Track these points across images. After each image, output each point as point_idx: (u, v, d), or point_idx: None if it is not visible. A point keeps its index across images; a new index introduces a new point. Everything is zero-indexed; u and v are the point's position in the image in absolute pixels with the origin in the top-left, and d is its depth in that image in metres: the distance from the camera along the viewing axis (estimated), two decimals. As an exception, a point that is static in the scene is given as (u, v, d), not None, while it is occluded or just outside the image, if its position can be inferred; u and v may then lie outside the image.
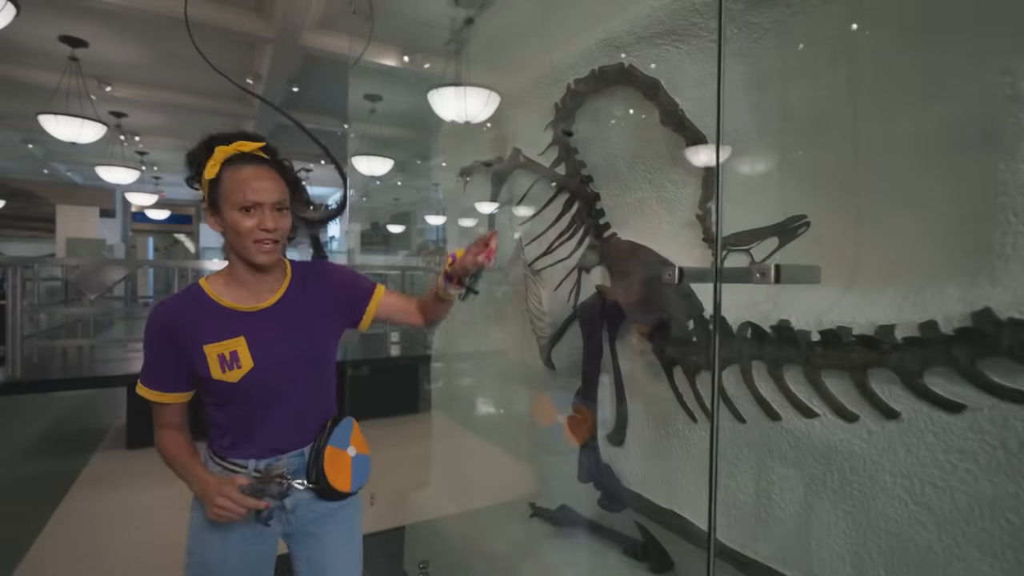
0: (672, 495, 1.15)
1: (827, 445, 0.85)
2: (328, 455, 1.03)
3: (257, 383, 0.98)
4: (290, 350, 1.02)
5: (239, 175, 0.95)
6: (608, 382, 1.38)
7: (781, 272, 0.63)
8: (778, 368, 0.89)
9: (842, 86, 0.95)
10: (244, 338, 0.98)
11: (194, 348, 0.96)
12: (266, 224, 0.95)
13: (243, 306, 1.01)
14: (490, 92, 3.23)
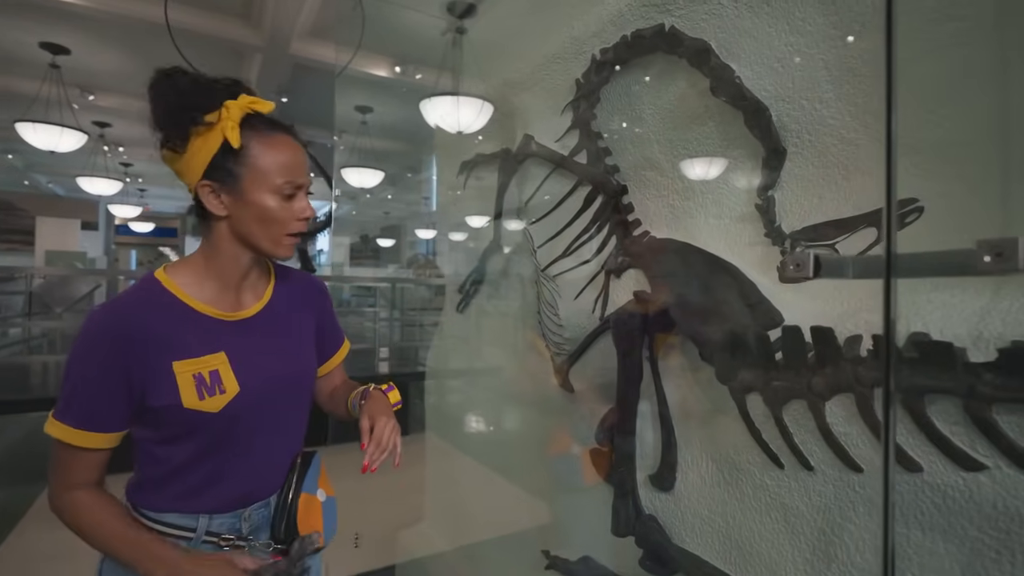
0: (747, 560, 0.88)
1: (1003, 510, 0.59)
2: (302, 505, 0.80)
3: (239, 414, 0.76)
4: (276, 371, 0.82)
5: (276, 148, 0.75)
6: (649, 411, 1.12)
7: None
8: (918, 400, 0.64)
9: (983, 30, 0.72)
10: (225, 354, 0.76)
11: (157, 366, 0.71)
12: (307, 212, 0.78)
13: (222, 312, 0.78)
14: (483, 102, 3.03)
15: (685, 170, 1.20)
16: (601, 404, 1.34)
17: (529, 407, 1.69)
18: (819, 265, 0.52)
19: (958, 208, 0.76)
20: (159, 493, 0.76)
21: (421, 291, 6.93)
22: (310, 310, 0.91)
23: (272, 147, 0.74)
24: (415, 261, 10.54)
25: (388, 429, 0.78)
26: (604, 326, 1.26)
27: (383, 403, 0.85)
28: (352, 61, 4.93)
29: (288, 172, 0.75)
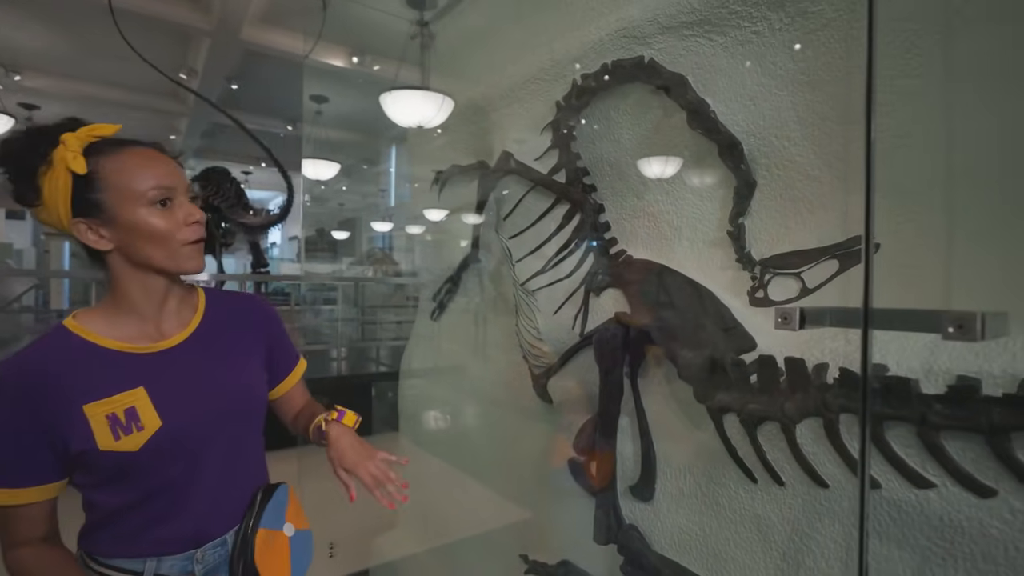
0: (723, 566, 0.96)
1: (948, 523, 0.68)
2: (260, 542, 0.76)
3: (166, 450, 0.72)
4: (211, 401, 0.78)
5: (128, 159, 0.72)
6: (629, 426, 1.18)
7: (986, 324, 0.45)
8: (878, 426, 0.72)
9: (935, 83, 0.81)
10: (144, 389, 0.72)
11: (68, 412, 0.69)
12: (194, 215, 0.74)
13: (139, 347, 0.75)
14: (444, 97, 3.03)
15: (660, 194, 1.26)
16: (579, 415, 1.40)
17: (506, 416, 1.73)
18: (804, 318, 0.59)
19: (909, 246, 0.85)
20: (103, 538, 0.75)
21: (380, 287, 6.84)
22: (255, 333, 0.88)
23: (123, 159, 0.71)
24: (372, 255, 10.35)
25: (373, 467, 0.80)
26: (584, 342, 1.31)
27: (346, 440, 0.84)
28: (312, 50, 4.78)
29: (149, 178, 0.71)
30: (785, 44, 1.00)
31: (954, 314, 0.48)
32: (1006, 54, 0.74)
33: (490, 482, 1.87)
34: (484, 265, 1.82)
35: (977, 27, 0.76)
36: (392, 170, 6.55)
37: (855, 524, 0.77)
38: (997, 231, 0.74)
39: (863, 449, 0.62)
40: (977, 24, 0.76)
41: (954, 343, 0.71)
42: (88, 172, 0.69)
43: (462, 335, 2.00)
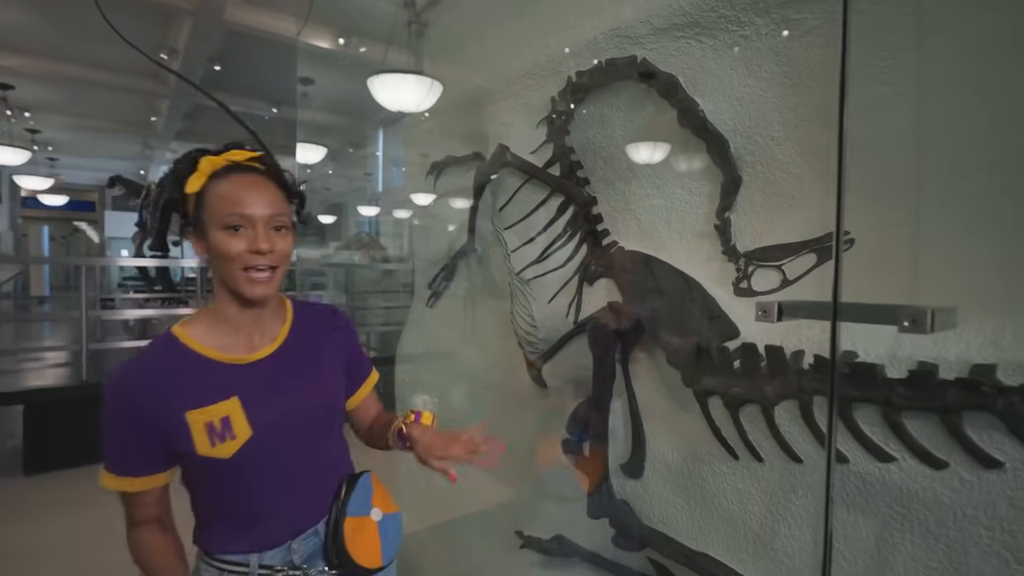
0: (706, 537, 1.04)
1: (906, 493, 0.76)
2: (348, 529, 0.82)
3: (256, 457, 0.78)
4: (297, 410, 0.83)
5: (224, 186, 0.76)
6: (621, 408, 1.26)
7: (936, 318, 0.52)
8: (848, 407, 0.80)
9: (908, 93, 0.87)
10: (238, 399, 0.78)
11: (172, 417, 0.76)
12: (258, 244, 0.75)
13: (234, 357, 0.80)
14: (433, 81, 3.04)
15: (651, 188, 1.32)
16: (572, 399, 1.47)
17: (501, 400, 1.80)
18: (781, 311, 0.65)
19: (881, 243, 0.92)
20: (209, 536, 0.82)
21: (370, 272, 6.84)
22: (335, 343, 0.93)
23: (224, 185, 0.76)
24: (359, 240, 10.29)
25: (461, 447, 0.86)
26: (578, 329, 1.38)
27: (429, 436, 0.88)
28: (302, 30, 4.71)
29: (231, 204, 0.75)
30: (770, 48, 1.05)
31: (908, 309, 0.55)
32: (970, 67, 0.80)
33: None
34: (479, 254, 1.87)
35: (945, 39, 0.82)
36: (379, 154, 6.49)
37: (824, 494, 0.85)
38: (959, 231, 0.82)
39: (830, 427, 0.70)
40: (945, 36, 0.82)
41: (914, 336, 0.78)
42: (198, 193, 0.77)
43: (457, 322, 2.05)
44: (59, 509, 3.03)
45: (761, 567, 0.95)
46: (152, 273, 10.80)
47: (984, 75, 0.78)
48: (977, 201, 0.77)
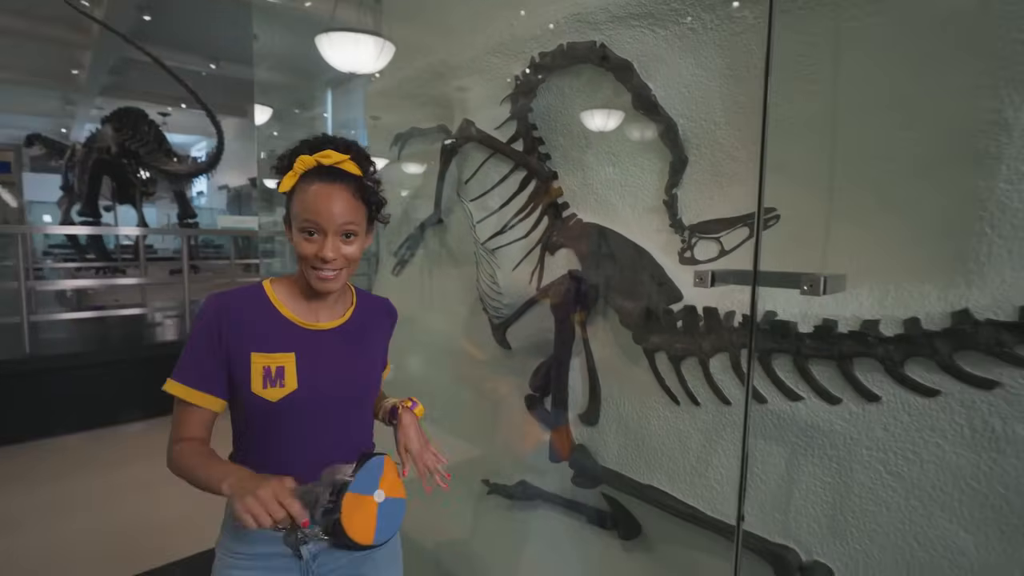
0: (652, 472, 1.21)
1: (810, 425, 0.94)
2: (347, 504, 0.88)
3: (297, 408, 0.88)
4: (340, 379, 0.94)
5: (307, 193, 0.86)
6: (579, 365, 1.40)
7: (828, 284, 0.67)
8: (767, 357, 0.97)
9: (828, 90, 1.01)
10: (295, 355, 0.89)
11: (241, 351, 0.88)
12: (324, 253, 0.85)
13: (302, 321, 0.93)
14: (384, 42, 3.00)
15: (607, 165, 1.44)
16: (534, 358, 1.60)
17: (467, 362, 1.92)
18: (714, 278, 0.79)
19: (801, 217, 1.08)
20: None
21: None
22: (383, 333, 1.06)
23: (307, 191, 0.86)
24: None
25: (429, 458, 0.97)
26: (541, 295, 1.50)
27: (414, 429, 1.00)
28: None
29: (307, 212, 0.85)
30: (715, 42, 1.17)
31: (808, 276, 0.69)
32: (876, 69, 0.94)
33: (455, 421, 2.07)
34: (445, 224, 1.95)
35: (857, 43, 0.96)
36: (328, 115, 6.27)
37: (751, 431, 1.02)
38: (861, 211, 0.98)
39: (749, 373, 0.85)
40: (857, 41, 0.96)
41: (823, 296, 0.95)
42: (290, 192, 0.88)
43: (423, 289, 2.14)
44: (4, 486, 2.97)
45: (697, 493, 1.13)
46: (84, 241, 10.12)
47: (885, 77, 0.93)
48: (876, 186, 0.93)
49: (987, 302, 0.76)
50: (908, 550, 0.85)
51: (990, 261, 0.76)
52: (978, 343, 0.75)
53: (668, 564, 1.26)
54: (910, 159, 0.88)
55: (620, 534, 1.36)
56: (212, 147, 8.22)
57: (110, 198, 9.58)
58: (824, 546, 0.95)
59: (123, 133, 8.55)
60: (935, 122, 0.84)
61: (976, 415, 0.77)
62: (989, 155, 0.76)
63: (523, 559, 1.66)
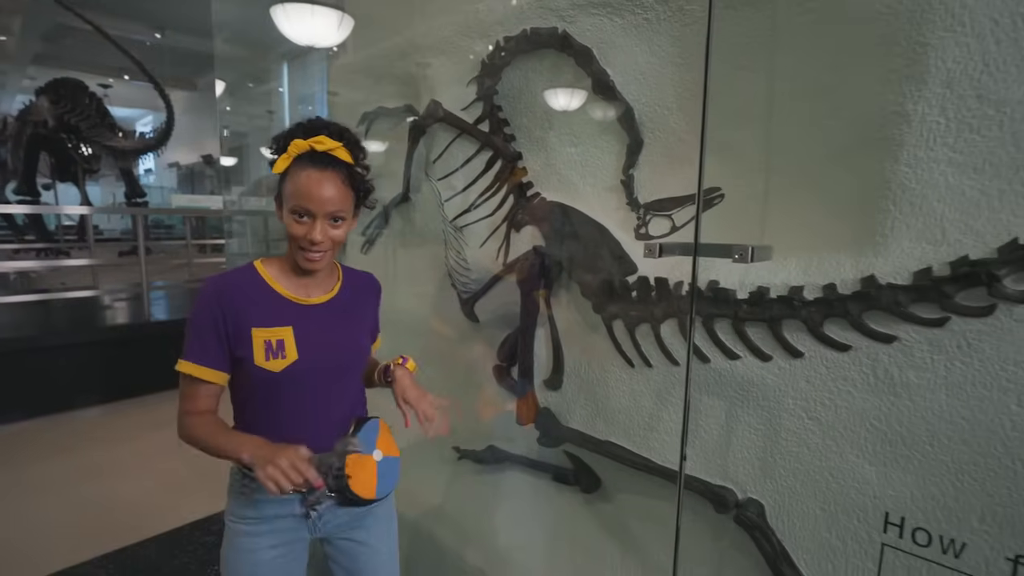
0: (610, 429, 1.33)
1: (746, 380, 1.07)
2: (351, 463, 0.97)
3: (297, 377, 0.95)
4: (334, 349, 1.02)
5: (299, 178, 0.92)
6: (543, 335, 1.50)
7: (755, 253, 0.78)
8: (710, 321, 1.08)
9: (761, 80, 1.12)
10: (292, 329, 0.97)
11: (242, 328, 0.95)
12: (313, 236, 0.93)
13: (296, 296, 1.00)
14: (343, 15, 2.97)
15: (568, 146, 1.52)
16: (500, 330, 1.69)
17: (437, 336, 1.99)
18: (662, 250, 0.89)
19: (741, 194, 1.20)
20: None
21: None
22: (370, 305, 1.13)
23: (300, 176, 0.92)
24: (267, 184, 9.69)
25: (426, 406, 1.03)
26: (507, 270, 1.59)
27: (409, 380, 1.07)
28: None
29: (298, 197, 0.92)
30: (667, 32, 1.26)
31: (738, 247, 0.80)
32: (805, 60, 1.05)
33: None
34: (413, 203, 2.00)
35: (790, 38, 1.07)
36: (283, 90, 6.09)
37: (696, 388, 1.15)
38: (792, 189, 1.10)
39: (689, 335, 0.97)
40: (790, 36, 1.07)
41: (758, 266, 1.06)
42: (284, 174, 0.94)
43: (392, 267, 2.19)
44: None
45: (649, 445, 1.26)
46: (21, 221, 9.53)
47: (812, 70, 1.04)
48: (804, 168, 1.05)
49: (889, 269, 0.88)
50: (824, 483, 0.99)
51: (892, 234, 0.89)
52: (881, 303, 0.88)
53: (625, 511, 1.40)
54: (831, 144, 0.99)
55: (582, 488, 1.48)
56: (161, 122, 7.86)
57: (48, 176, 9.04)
58: (757, 484, 1.08)
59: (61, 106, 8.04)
60: (852, 111, 0.95)
61: (879, 365, 0.91)
62: (893, 142, 0.88)
63: (493, 518, 1.77)
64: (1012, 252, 0.77)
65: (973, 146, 0.82)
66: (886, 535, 0.92)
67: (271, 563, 0.99)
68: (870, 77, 0.92)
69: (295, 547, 1.03)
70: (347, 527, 1.07)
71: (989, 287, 0.79)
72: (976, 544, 0.84)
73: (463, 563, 1.72)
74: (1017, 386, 0.79)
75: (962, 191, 0.83)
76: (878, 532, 0.93)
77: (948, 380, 0.85)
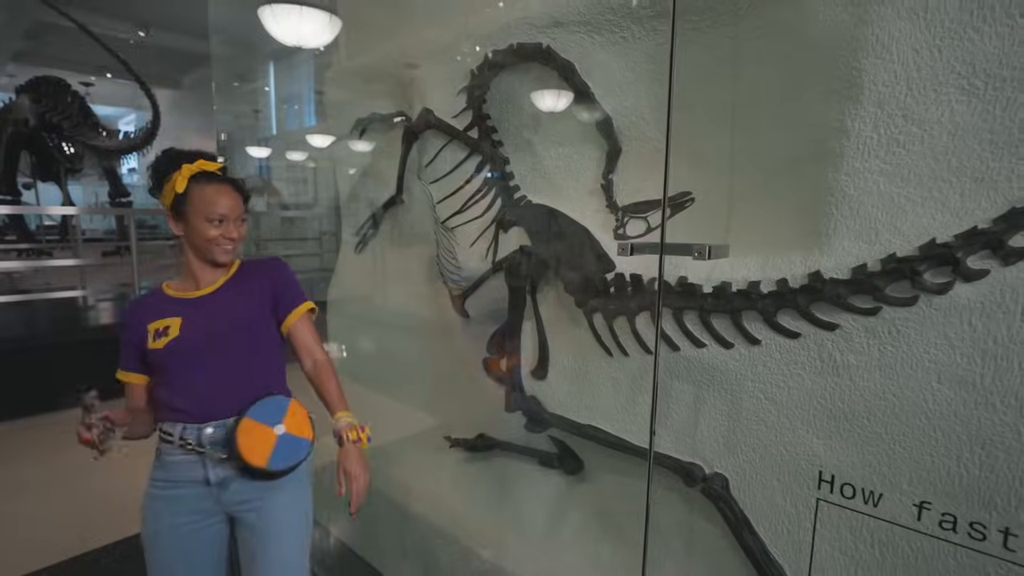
0: (591, 413, 1.45)
1: (711, 366, 1.19)
2: (243, 427, 1.11)
3: (178, 350, 1.15)
4: (213, 328, 1.18)
5: (206, 193, 1.15)
6: (530, 328, 1.61)
7: (712, 251, 0.90)
8: (680, 313, 1.20)
9: (726, 96, 1.24)
10: (180, 318, 1.17)
11: (141, 328, 1.18)
12: (231, 234, 1.18)
13: (185, 293, 1.22)
14: (331, 16, 3.03)
15: (553, 152, 1.63)
16: (490, 325, 1.80)
17: (430, 331, 2.09)
18: (632, 249, 1.01)
19: (711, 198, 1.32)
20: (158, 410, 1.19)
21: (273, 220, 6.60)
22: (262, 280, 1.26)
23: (204, 191, 1.15)
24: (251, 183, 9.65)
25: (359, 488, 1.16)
26: (496, 268, 1.69)
27: (354, 455, 1.17)
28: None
29: (211, 208, 1.14)
30: (642, 50, 1.38)
31: (697, 246, 0.92)
32: (763, 79, 1.18)
33: (417, 387, 2.25)
34: (406, 204, 2.09)
35: (750, 58, 1.19)
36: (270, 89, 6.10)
37: (667, 374, 1.27)
38: (753, 195, 1.22)
39: (657, 326, 1.08)
40: (750, 56, 1.19)
41: (723, 263, 1.19)
42: (184, 192, 1.14)
43: (385, 266, 2.28)
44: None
45: (626, 427, 1.37)
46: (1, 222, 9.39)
47: (769, 87, 1.16)
48: (763, 175, 1.17)
49: (832, 265, 1.01)
50: (779, 456, 1.11)
51: (835, 234, 1.01)
52: (825, 296, 1.00)
53: (604, 490, 1.51)
54: (785, 155, 1.12)
55: (566, 471, 1.60)
56: (147, 121, 7.81)
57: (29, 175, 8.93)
58: (721, 460, 1.21)
59: (43, 104, 7.95)
60: (801, 126, 1.08)
61: (824, 350, 1.03)
62: (835, 154, 1.01)
63: (484, 502, 1.88)
64: (931, 250, 0.90)
65: (900, 159, 0.94)
66: (820, 491, 1.05)
67: (175, 530, 1.12)
68: (816, 96, 1.05)
69: (201, 522, 1.14)
70: (253, 502, 1.15)
71: (912, 280, 0.91)
72: (890, 495, 0.97)
73: (456, 545, 1.82)
74: (937, 365, 0.92)
75: (891, 197, 0.95)
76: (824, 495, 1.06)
77: (881, 362, 0.97)
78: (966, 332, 0.89)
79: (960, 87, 0.88)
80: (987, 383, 0.88)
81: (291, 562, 1.16)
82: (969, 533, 0.90)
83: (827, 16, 1.01)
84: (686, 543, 1.31)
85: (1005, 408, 0.87)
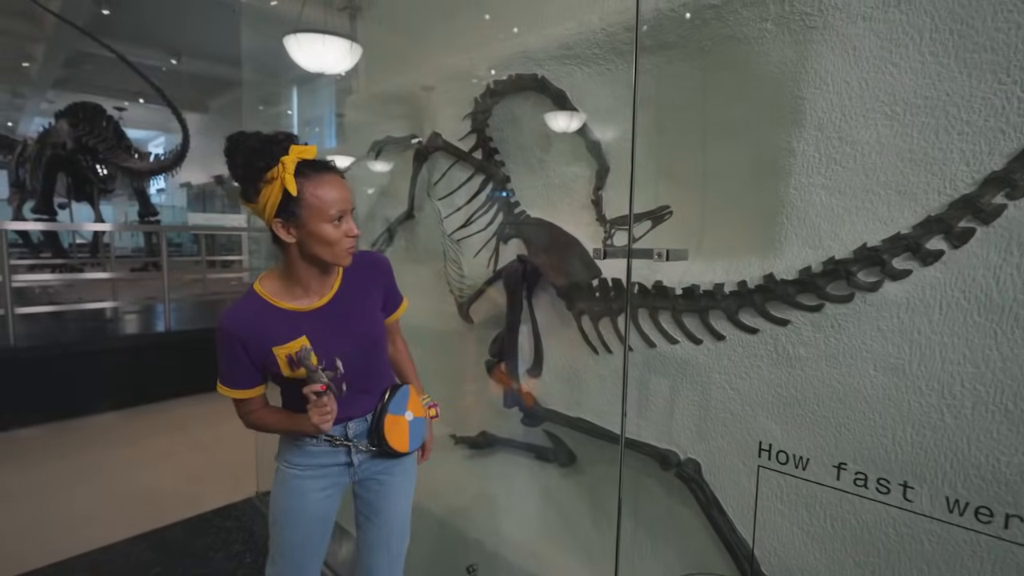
0: (580, 407, 1.58)
1: (683, 360, 1.32)
2: (387, 422, 1.21)
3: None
4: (346, 342, 1.12)
5: (324, 189, 0.99)
6: (526, 330, 1.76)
7: (670, 254, 1.04)
8: (655, 313, 1.35)
9: (698, 120, 1.40)
10: (305, 336, 1.06)
11: (264, 352, 1.05)
12: (354, 231, 1.04)
13: (300, 307, 1.08)
14: (352, 43, 3.26)
15: (548, 170, 1.80)
16: (492, 330, 1.95)
17: (438, 334, 2.25)
18: (606, 254, 1.16)
19: (687, 211, 1.46)
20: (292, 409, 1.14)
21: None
22: (374, 284, 1.21)
23: (320, 188, 0.99)
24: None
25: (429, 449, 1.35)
26: (496, 276, 1.85)
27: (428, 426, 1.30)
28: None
29: (335, 205, 1.00)
30: (624, 81, 1.54)
31: (658, 250, 1.06)
32: (728, 106, 1.33)
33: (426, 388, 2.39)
34: (416, 219, 2.27)
35: (715, 88, 1.35)
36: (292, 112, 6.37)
37: (646, 368, 1.40)
38: (721, 206, 1.36)
39: (627, 324, 1.22)
40: (715, 86, 1.35)
41: (693, 267, 1.33)
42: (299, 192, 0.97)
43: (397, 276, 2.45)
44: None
45: (613, 419, 1.50)
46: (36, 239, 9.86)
47: (732, 112, 1.32)
48: (728, 189, 1.32)
49: (783, 267, 1.15)
50: (743, 441, 1.24)
51: (785, 241, 1.15)
52: (777, 295, 1.14)
53: (594, 479, 1.64)
54: (745, 171, 1.27)
55: (560, 463, 1.73)
56: (177, 144, 8.22)
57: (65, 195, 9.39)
58: (694, 446, 1.33)
59: (80, 128, 8.42)
60: (758, 146, 1.23)
61: (779, 343, 1.17)
62: (785, 171, 1.15)
63: (485, 494, 2.00)
64: (862, 253, 1.04)
65: (837, 175, 1.08)
66: (760, 459, 1.18)
67: (318, 501, 1.21)
68: (769, 120, 1.20)
69: (337, 490, 1.26)
70: (378, 472, 1.28)
71: (848, 280, 1.05)
72: (817, 458, 1.09)
73: (462, 535, 1.95)
74: (872, 355, 1.05)
75: (831, 208, 1.10)
76: (779, 476, 1.18)
77: (826, 353, 1.10)
78: (895, 325, 1.02)
79: (884, 112, 1.03)
80: (914, 369, 1.00)
81: (405, 513, 1.34)
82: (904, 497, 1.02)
83: (776, 53, 1.17)
84: (664, 524, 1.43)
85: (929, 391, 0.99)
